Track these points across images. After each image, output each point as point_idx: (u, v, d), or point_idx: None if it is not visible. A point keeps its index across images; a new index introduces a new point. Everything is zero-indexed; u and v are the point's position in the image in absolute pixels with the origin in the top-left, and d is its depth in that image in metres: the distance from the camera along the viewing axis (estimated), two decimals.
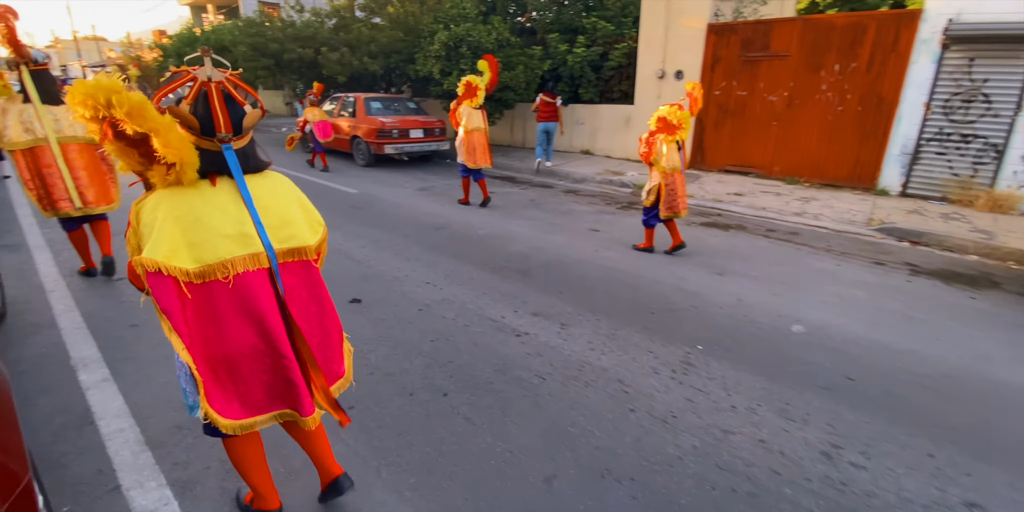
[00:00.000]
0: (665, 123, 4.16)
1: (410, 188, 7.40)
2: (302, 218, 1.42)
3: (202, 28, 20.99)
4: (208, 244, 1.23)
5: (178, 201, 1.23)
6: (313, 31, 10.71)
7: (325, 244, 1.53)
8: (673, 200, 4.33)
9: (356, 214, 5.81)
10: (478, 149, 5.88)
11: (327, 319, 1.51)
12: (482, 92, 5.76)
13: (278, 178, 1.43)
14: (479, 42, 8.76)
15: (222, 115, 1.23)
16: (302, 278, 1.43)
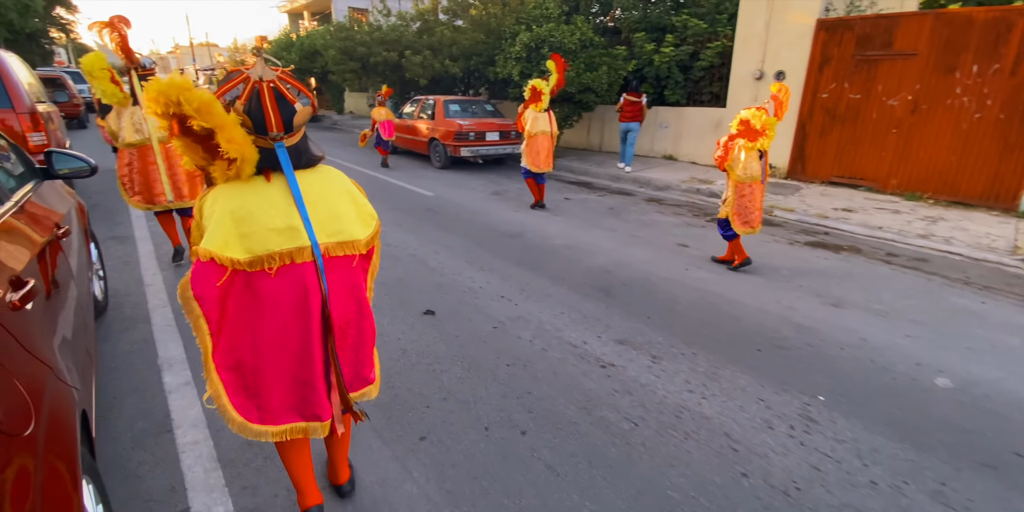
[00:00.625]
0: (747, 127, 3.77)
1: (484, 192, 7.26)
2: (352, 212, 1.42)
3: (298, 34, 22.32)
4: (257, 236, 1.27)
5: (234, 195, 1.27)
6: (398, 35, 10.93)
7: (378, 238, 1.51)
8: (748, 214, 3.94)
9: (431, 218, 5.73)
10: (542, 153, 5.86)
11: (364, 320, 1.49)
12: (547, 96, 5.69)
13: (330, 173, 1.43)
14: (561, 43, 8.48)
15: (273, 114, 1.24)
16: (345, 276, 1.41)
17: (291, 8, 30.50)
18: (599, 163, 9.29)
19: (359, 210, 1.44)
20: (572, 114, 9.16)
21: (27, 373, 1.05)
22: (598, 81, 8.45)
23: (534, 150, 5.87)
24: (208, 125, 1.16)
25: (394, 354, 2.80)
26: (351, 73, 11.88)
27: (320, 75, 19.01)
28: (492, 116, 9.59)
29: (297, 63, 19.85)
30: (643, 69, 9.48)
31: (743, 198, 3.91)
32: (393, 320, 3.21)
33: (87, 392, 1.61)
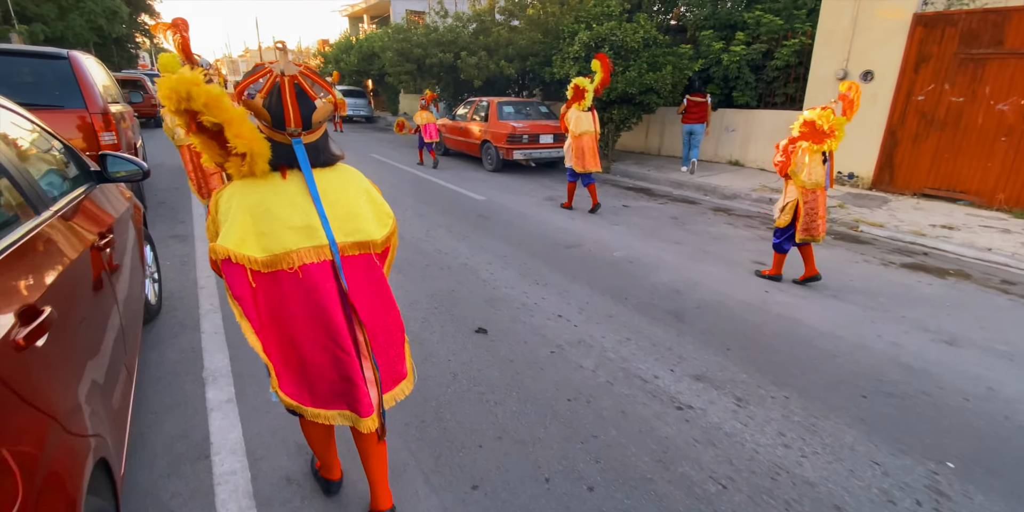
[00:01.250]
0: (812, 129, 3.47)
1: (537, 197, 6.99)
2: (369, 212, 1.40)
3: (357, 37, 22.88)
4: (275, 234, 1.25)
5: (251, 192, 1.26)
6: (454, 36, 10.84)
7: (395, 237, 1.48)
8: (812, 221, 3.66)
9: (483, 224, 5.51)
10: (587, 153, 5.72)
11: (391, 317, 1.47)
12: (590, 95, 5.58)
13: (348, 172, 1.42)
14: (623, 41, 8.09)
15: (292, 109, 1.22)
16: (365, 274, 1.39)
17: (352, 12, 31.41)
18: (658, 167, 8.82)
19: (376, 209, 1.42)
20: (632, 116, 8.75)
21: (17, 434, 0.85)
22: (661, 82, 8.00)
23: (579, 151, 5.72)
24: (216, 120, 1.15)
25: (444, 378, 2.56)
26: (407, 75, 11.91)
27: (377, 77, 19.38)
28: (546, 118, 9.31)
29: (355, 65, 20.35)
30: (710, 69, 8.93)
31: (807, 205, 3.62)
32: (443, 338, 2.99)
33: (118, 431, 1.45)
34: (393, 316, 1.47)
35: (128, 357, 1.91)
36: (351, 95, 18.98)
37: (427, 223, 5.46)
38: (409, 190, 7.21)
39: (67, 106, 4.50)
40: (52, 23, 17.47)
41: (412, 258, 4.35)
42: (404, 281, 3.83)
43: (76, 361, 1.26)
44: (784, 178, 3.72)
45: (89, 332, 1.44)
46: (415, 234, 5.05)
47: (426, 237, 4.97)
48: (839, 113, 3.45)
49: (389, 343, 1.47)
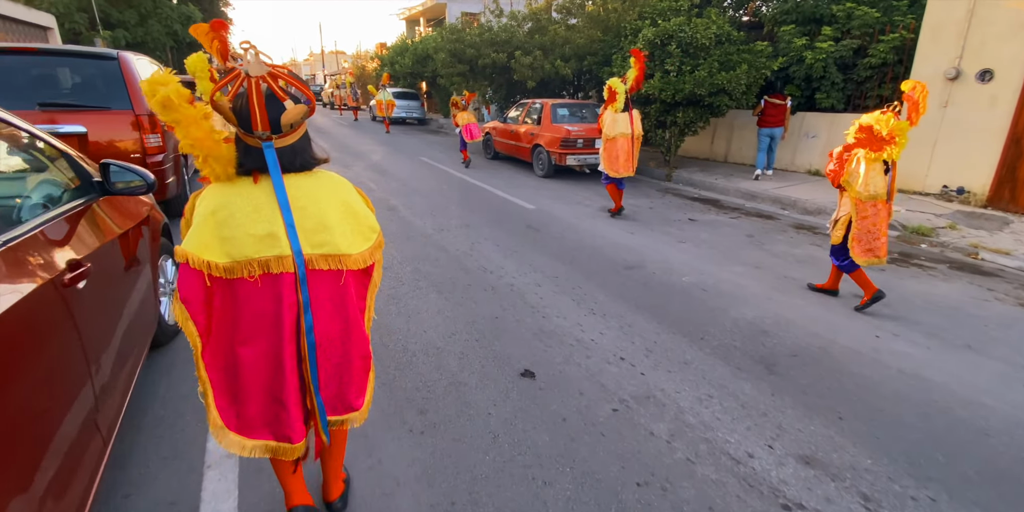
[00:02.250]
0: (869, 135, 3.11)
1: (591, 207, 6.44)
2: (345, 224, 1.31)
3: (412, 39, 23.04)
4: (237, 241, 1.20)
5: (220, 195, 1.22)
6: (509, 35, 10.45)
7: (379, 252, 1.39)
8: (873, 240, 3.28)
9: (532, 237, 5.04)
10: (621, 156, 5.50)
11: (353, 341, 1.37)
12: (622, 96, 5.35)
13: (328, 179, 1.33)
14: (693, 38, 7.41)
15: (259, 111, 1.14)
16: (331, 290, 1.31)
17: (409, 15, 31.83)
18: (726, 176, 8.05)
19: (356, 222, 1.33)
20: (698, 119, 8.03)
21: None
22: (735, 82, 7.25)
23: (612, 154, 5.50)
24: (167, 120, 1.14)
25: (482, 440, 2.10)
26: (459, 76, 11.64)
27: (430, 79, 19.35)
28: (594, 120, 8.72)
29: (409, 68, 20.42)
30: (789, 68, 8.08)
31: (864, 220, 3.25)
32: (483, 381, 2.53)
33: None
34: (356, 341, 1.38)
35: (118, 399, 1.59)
36: (404, 97, 19.03)
37: (473, 235, 5.05)
38: (456, 197, 6.84)
39: (113, 107, 4.41)
40: (132, 29, 18.53)
41: (455, 276, 3.93)
42: (444, 304, 3.41)
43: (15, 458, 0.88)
44: (839, 190, 3.37)
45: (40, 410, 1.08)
46: (460, 247, 4.65)
47: (471, 251, 4.55)
48: (904, 116, 3.05)
49: (344, 369, 1.37)
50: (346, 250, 1.29)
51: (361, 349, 1.39)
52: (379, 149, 11.64)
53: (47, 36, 13.70)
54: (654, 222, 5.77)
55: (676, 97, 7.62)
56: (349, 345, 1.36)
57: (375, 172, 8.56)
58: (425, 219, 5.62)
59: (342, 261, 1.28)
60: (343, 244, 1.28)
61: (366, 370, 1.43)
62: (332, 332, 1.32)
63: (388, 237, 4.91)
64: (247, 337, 1.26)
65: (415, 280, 3.84)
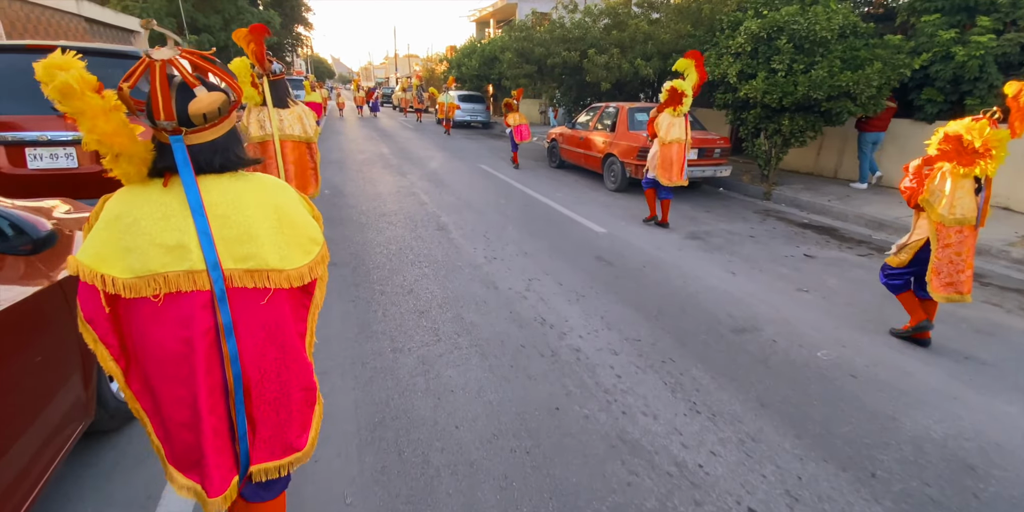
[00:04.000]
0: (957, 146, 2.64)
1: (677, 233, 5.37)
2: (279, 234, 1.11)
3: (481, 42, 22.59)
4: (140, 252, 1.02)
5: (126, 199, 1.06)
6: (583, 32, 9.49)
7: (322, 267, 1.18)
8: (956, 273, 2.77)
9: (604, 274, 4.07)
10: (675, 164, 5.13)
11: (290, 371, 1.16)
12: (689, 99, 5.03)
13: (260, 182, 1.14)
14: (810, 31, 6.13)
15: (161, 98, 1.00)
16: (261, 312, 1.10)
17: (479, 17, 31.59)
18: (842, 197, 6.66)
19: (293, 232, 1.13)
20: (809, 128, 6.71)
21: None
22: (863, 84, 5.90)
23: (667, 160, 5.12)
24: (66, 110, 0.99)
25: None
26: (525, 78, 10.81)
27: (496, 81, 18.73)
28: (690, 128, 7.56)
29: (476, 70, 19.93)
30: (930, 67, 6.57)
31: (947, 249, 2.77)
32: None
33: None
34: (295, 371, 1.17)
35: None
36: (469, 100, 18.52)
37: (531, 267, 4.16)
38: (514, 214, 5.99)
39: None
40: (217, 33, 19.31)
41: (504, 331, 3.06)
42: (487, 379, 2.54)
43: None
44: (915, 210, 2.89)
45: None
46: (513, 285, 3.77)
47: (527, 291, 3.66)
48: (1004, 125, 2.56)
49: (281, 404, 1.15)
50: (277, 265, 1.10)
51: (302, 380, 1.20)
52: (438, 155, 11.04)
53: (133, 40, 14.33)
54: (759, 257, 4.62)
55: (784, 101, 6.37)
56: (287, 376, 1.17)
57: (430, 182, 7.90)
58: (476, 243, 4.80)
59: (271, 278, 1.10)
60: (273, 258, 1.10)
61: (310, 403, 1.24)
62: (264, 362, 1.13)
63: (431, 266, 4.14)
64: (155, 370, 1.07)
65: (455, 335, 3.00)
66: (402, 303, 3.42)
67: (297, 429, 1.21)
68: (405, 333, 3.01)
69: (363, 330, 3.04)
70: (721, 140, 7.12)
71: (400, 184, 7.62)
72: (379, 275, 3.93)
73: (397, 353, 2.79)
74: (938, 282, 2.79)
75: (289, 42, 33.27)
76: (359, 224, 5.35)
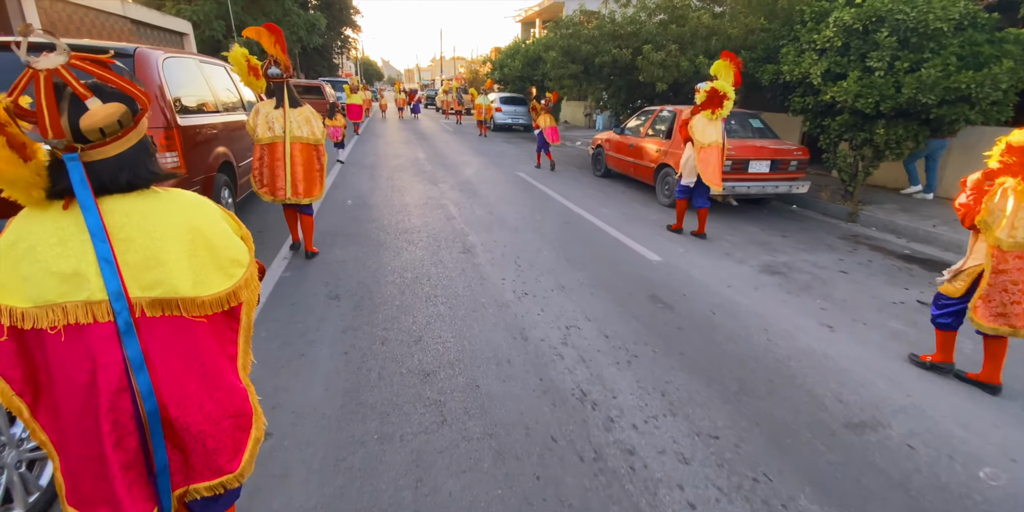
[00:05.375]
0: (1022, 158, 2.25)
1: (749, 265, 4.45)
2: (194, 258, 1.02)
3: (525, 42, 21.89)
4: (36, 280, 0.94)
5: (23, 223, 0.98)
6: (636, 27, 8.60)
7: (246, 292, 1.09)
8: (1009, 303, 2.38)
9: (661, 322, 3.25)
10: (709, 168, 4.85)
11: (217, 400, 1.07)
12: (730, 103, 4.75)
13: (174, 200, 1.05)
14: (921, 21, 5.07)
15: (48, 114, 0.91)
16: (176, 342, 1.02)
17: (524, 17, 30.96)
18: (950, 222, 5.53)
19: (211, 255, 1.04)
20: (911, 137, 5.62)
21: None
22: (990, 85, 4.80)
23: (708, 165, 4.83)
24: None
25: None
26: (571, 78, 10.01)
27: (539, 82, 17.99)
28: (759, 136, 6.58)
29: (519, 70, 19.22)
30: None
31: (1001, 274, 2.38)
32: None
33: None
34: (224, 400, 1.07)
35: None
36: (511, 102, 17.88)
37: (570, 308, 3.39)
38: (553, 233, 5.22)
39: None
40: None
41: (531, 409, 2.31)
42: (500, 498, 1.80)
43: None
44: (972, 231, 2.52)
45: None
46: (547, 334, 3.02)
47: (563, 345, 2.90)
48: None
49: (208, 435, 1.06)
50: (189, 292, 1.00)
51: (231, 408, 1.08)
52: (474, 161, 10.40)
53: (183, 42, 14.46)
54: (860, 303, 3.67)
55: (881, 106, 5.33)
56: (211, 407, 1.06)
57: (462, 192, 7.24)
58: (506, 271, 4.07)
59: (182, 306, 1.00)
60: (184, 284, 0.99)
61: (243, 429, 1.12)
62: (184, 395, 1.02)
63: (449, 303, 3.44)
64: (63, 401, 0.97)
65: (464, 415, 2.27)
66: (405, 359, 2.73)
67: (228, 454, 1.11)
68: (401, 408, 2.31)
69: (349, 401, 2.36)
70: (799, 151, 6.10)
71: (430, 194, 7.00)
72: (385, 314, 3.25)
73: (385, 443, 2.08)
74: (985, 310, 2.46)
75: (337, 44, 33.70)
76: (376, 243, 4.72)
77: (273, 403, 2.31)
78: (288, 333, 2.98)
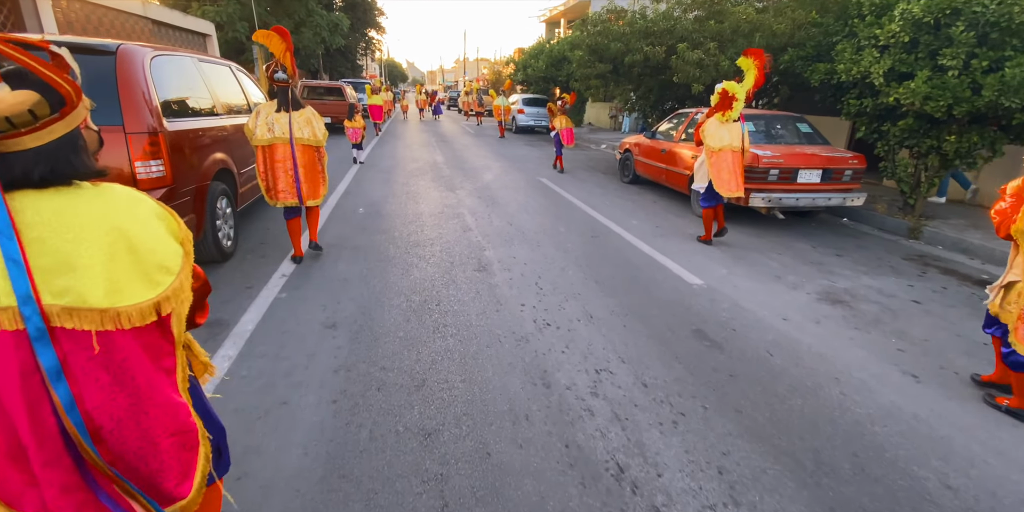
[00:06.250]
0: None
1: (805, 291, 3.89)
2: (113, 263, 0.89)
3: (550, 42, 21.41)
4: None
5: None
6: (670, 24, 8.05)
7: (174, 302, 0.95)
8: None
9: (709, 367, 2.74)
10: (731, 173, 4.58)
11: (151, 417, 0.95)
12: (740, 104, 4.49)
13: (101, 196, 0.93)
14: (1005, 14, 4.44)
15: None
16: (102, 352, 0.89)
17: (549, 17, 30.50)
18: None
19: (134, 259, 0.91)
20: (985, 145, 4.97)
21: None
22: None
23: (720, 169, 4.60)
24: None
25: None
26: (598, 78, 9.49)
27: (564, 83, 17.48)
28: (808, 142, 5.98)
29: (543, 71, 18.77)
30: None
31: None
32: None
33: None
34: (160, 416, 0.95)
35: None
36: (534, 104, 17.41)
37: (600, 345, 2.91)
38: (579, 249, 4.74)
39: (95, 123, 3.09)
40: None
41: (555, 488, 1.83)
42: None
43: None
44: (1012, 243, 2.31)
45: None
46: (574, 380, 2.54)
47: (592, 397, 2.42)
48: None
49: (148, 453, 0.95)
50: (99, 302, 0.86)
51: (170, 425, 0.96)
52: (494, 165, 9.97)
53: (205, 43, 14.40)
54: (945, 344, 3.09)
55: (954, 110, 4.70)
56: (148, 423, 0.94)
57: (481, 199, 6.80)
58: (526, 295, 3.61)
59: (90, 318, 0.86)
60: (94, 294, 0.86)
61: (188, 447, 1.00)
62: (116, 408, 0.91)
63: (459, 335, 3.00)
64: None
65: (470, 499, 1.81)
66: (403, 411, 2.29)
67: (175, 477, 0.99)
68: (393, 485, 1.86)
69: (331, 472, 1.92)
70: (854, 158, 5.49)
71: (447, 202, 6.58)
72: (385, 349, 2.82)
73: None
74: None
75: (361, 45, 33.73)
76: (384, 258, 4.31)
77: (240, 472, 1.89)
78: (273, 372, 2.58)
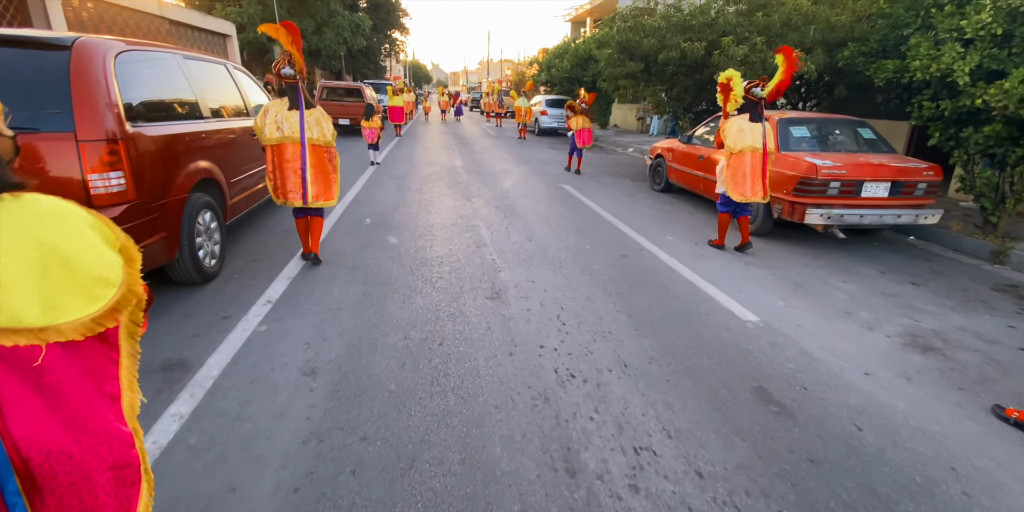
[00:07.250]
0: None
1: (884, 332, 3.22)
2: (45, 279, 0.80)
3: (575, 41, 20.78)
4: None
5: None
6: (710, 18, 7.37)
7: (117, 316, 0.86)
8: None
9: (774, 440, 2.12)
10: (751, 176, 4.22)
11: (86, 448, 0.86)
12: (737, 93, 4.25)
13: (23, 208, 0.84)
14: None
15: None
16: (33, 377, 0.82)
17: (575, 16, 29.85)
18: None
19: (68, 273, 0.82)
20: None
21: None
22: None
23: (739, 172, 4.24)
24: None
25: None
26: (627, 78, 8.84)
27: (590, 83, 16.82)
28: (872, 150, 5.26)
29: (567, 71, 18.15)
30: None
31: None
32: None
33: None
34: (96, 448, 0.87)
35: None
36: (557, 105, 16.78)
37: (638, 409, 2.31)
38: (608, 273, 4.13)
39: (44, 128, 2.61)
40: (309, 37, 19.24)
41: None
42: None
43: None
44: None
45: None
46: (609, 460, 1.96)
47: (631, 488, 1.83)
48: None
49: (82, 488, 0.86)
50: (35, 321, 0.78)
51: (109, 458, 0.87)
52: (515, 170, 9.41)
53: (225, 44, 14.22)
54: None
55: None
56: (83, 455, 0.85)
57: (498, 209, 6.24)
58: (546, 332, 3.04)
59: (27, 337, 0.79)
60: (30, 312, 0.79)
61: (128, 483, 0.91)
62: (47, 441, 0.84)
63: (463, 390, 2.44)
64: None
65: None
66: (380, 510, 1.74)
67: (112, 506, 0.90)
68: None
69: None
70: (929, 170, 4.75)
71: (461, 212, 6.04)
72: (369, 410, 2.28)
73: None
74: None
75: (385, 47, 33.61)
76: (384, 281, 3.78)
77: None
78: (228, 440, 2.06)
